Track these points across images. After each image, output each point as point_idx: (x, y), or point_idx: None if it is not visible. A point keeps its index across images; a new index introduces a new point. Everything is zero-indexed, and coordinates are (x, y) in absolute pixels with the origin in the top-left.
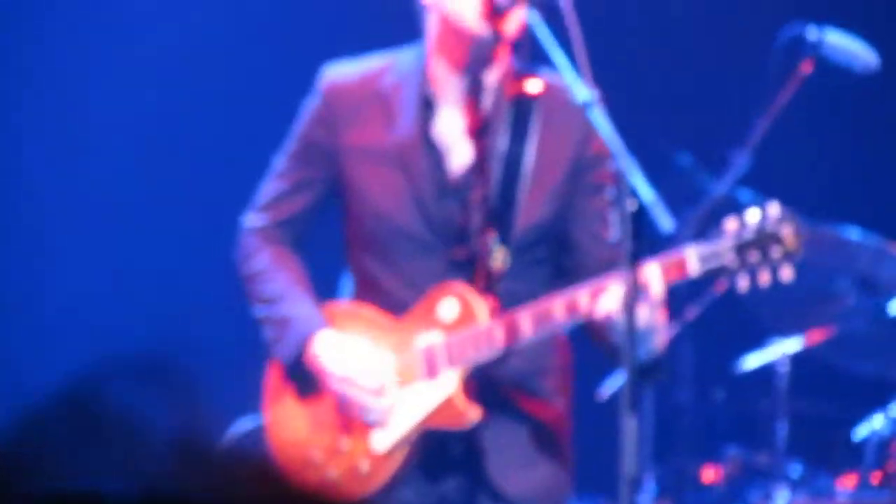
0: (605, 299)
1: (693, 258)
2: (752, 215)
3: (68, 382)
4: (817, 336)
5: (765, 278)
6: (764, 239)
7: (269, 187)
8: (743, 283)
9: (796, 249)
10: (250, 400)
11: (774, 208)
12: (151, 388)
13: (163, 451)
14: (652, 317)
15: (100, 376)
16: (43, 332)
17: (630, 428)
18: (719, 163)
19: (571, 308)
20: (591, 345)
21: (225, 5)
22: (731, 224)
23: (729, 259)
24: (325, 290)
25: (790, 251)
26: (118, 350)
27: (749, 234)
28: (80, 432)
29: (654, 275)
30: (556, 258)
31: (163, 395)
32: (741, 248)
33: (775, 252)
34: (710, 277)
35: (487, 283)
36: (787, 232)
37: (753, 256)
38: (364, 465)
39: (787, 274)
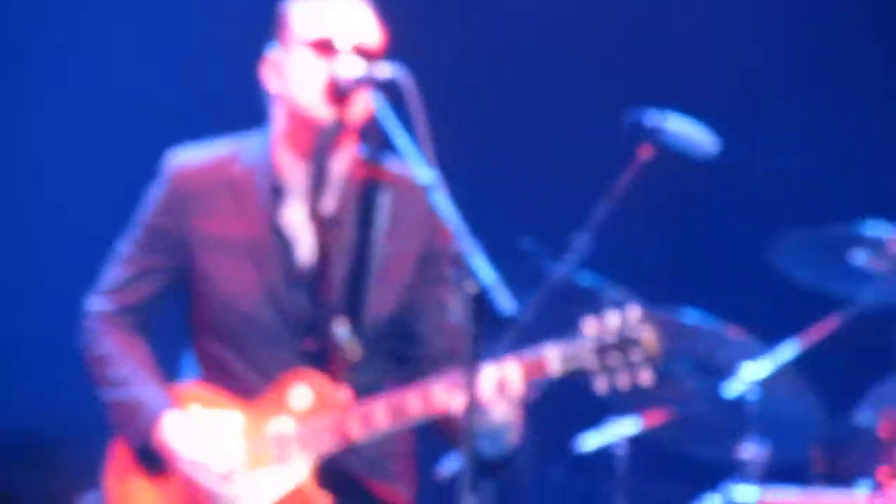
0: (479, 384)
1: (554, 358)
2: (613, 318)
3: None
4: (655, 418)
5: (624, 381)
6: (624, 342)
7: (114, 272)
8: (601, 385)
9: (656, 353)
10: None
11: (635, 311)
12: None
13: None
14: (509, 414)
15: None
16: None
17: None
18: (562, 246)
19: (426, 401)
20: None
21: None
22: (590, 326)
23: (589, 361)
24: (167, 369)
25: (650, 355)
26: None
27: (610, 338)
28: None
29: (514, 373)
30: (401, 349)
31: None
32: (601, 351)
33: (635, 355)
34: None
35: (340, 374)
36: (647, 336)
37: (613, 359)
38: None
39: (645, 377)
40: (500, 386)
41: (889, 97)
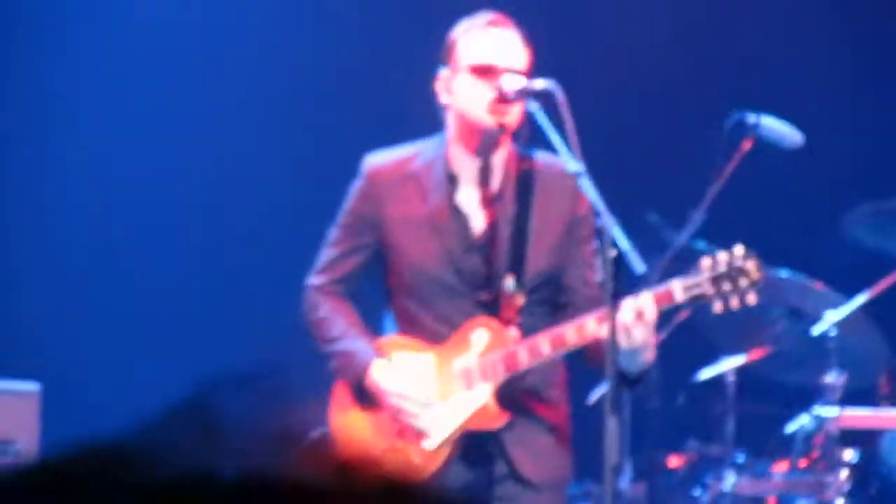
0: (620, 313)
1: (678, 288)
2: (723, 254)
3: (186, 393)
4: (757, 354)
5: (735, 303)
6: (734, 272)
7: (325, 253)
8: (718, 307)
9: (759, 279)
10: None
11: (739, 249)
12: (255, 396)
13: (267, 443)
14: (645, 336)
15: (213, 387)
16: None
17: (612, 426)
18: (681, 220)
19: (581, 331)
20: (580, 365)
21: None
22: (706, 261)
23: (707, 289)
24: (373, 327)
25: (755, 280)
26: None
27: (721, 268)
28: (198, 433)
29: (647, 302)
30: (554, 297)
31: (264, 401)
32: (716, 280)
33: (743, 282)
34: (685, 305)
35: (509, 318)
36: (751, 266)
37: (726, 286)
38: (417, 460)
39: (752, 299)
40: (638, 313)
41: None
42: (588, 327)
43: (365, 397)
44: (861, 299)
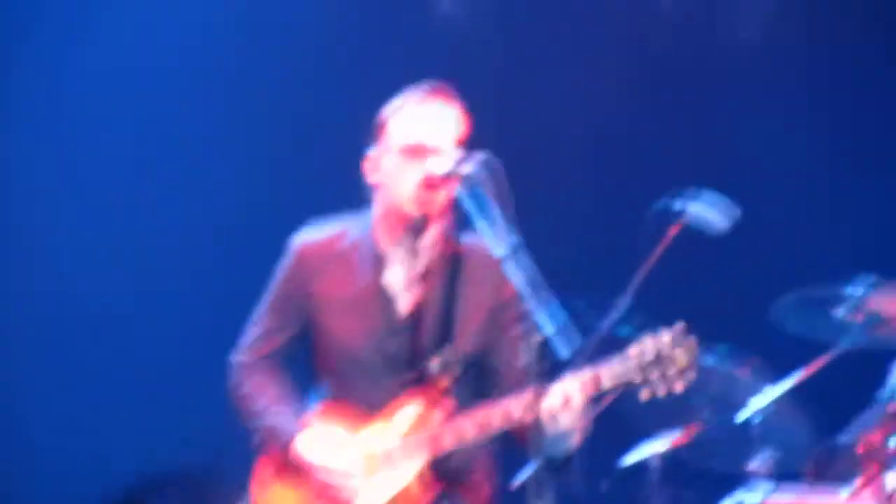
0: (547, 399)
1: (606, 375)
2: (650, 341)
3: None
4: (681, 439)
5: (662, 391)
6: (662, 359)
7: (251, 331)
8: (645, 394)
9: (687, 367)
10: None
11: (667, 336)
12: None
13: None
14: (572, 421)
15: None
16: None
17: None
18: (607, 305)
19: (506, 416)
20: (508, 444)
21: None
22: (634, 349)
23: (634, 376)
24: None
25: (682, 368)
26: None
27: (649, 356)
28: None
29: (574, 388)
30: (479, 379)
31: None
32: (643, 367)
33: (670, 370)
34: (607, 392)
35: (435, 399)
36: (679, 353)
37: (654, 373)
38: None
39: (679, 387)
40: (565, 399)
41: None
42: (514, 412)
43: (287, 472)
44: (787, 384)
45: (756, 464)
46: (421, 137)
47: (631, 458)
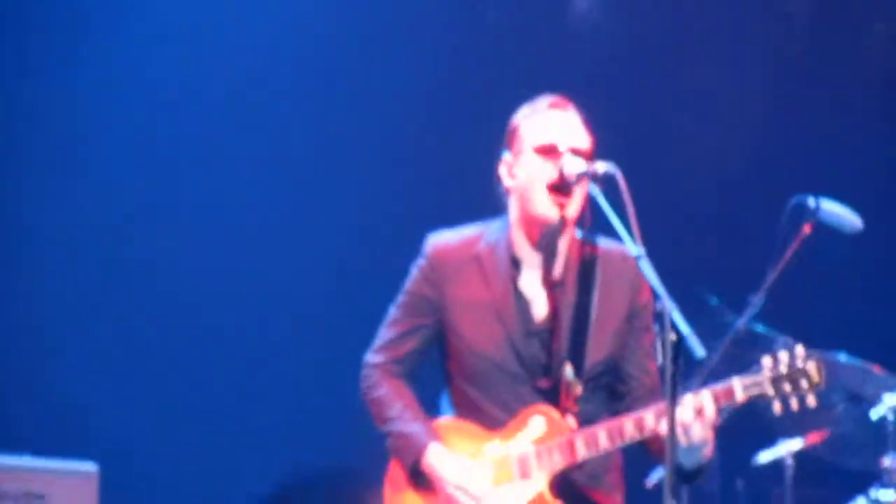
0: (680, 411)
1: (739, 387)
2: (784, 355)
3: None
4: (815, 437)
5: (794, 404)
6: (795, 373)
7: (385, 332)
8: (777, 407)
9: (820, 382)
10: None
11: (800, 349)
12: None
13: None
14: (704, 433)
15: None
16: None
17: None
18: (741, 303)
19: (639, 426)
20: (640, 448)
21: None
22: (767, 360)
23: (767, 388)
24: (428, 407)
25: (815, 383)
26: None
27: (782, 369)
28: None
29: (707, 400)
30: (613, 385)
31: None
32: (776, 380)
33: (803, 384)
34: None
35: (567, 406)
36: (812, 368)
37: (786, 387)
38: None
39: (811, 401)
40: (697, 410)
41: None
42: (647, 422)
43: (419, 480)
44: None
45: (890, 461)
46: (554, 138)
47: (765, 457)
